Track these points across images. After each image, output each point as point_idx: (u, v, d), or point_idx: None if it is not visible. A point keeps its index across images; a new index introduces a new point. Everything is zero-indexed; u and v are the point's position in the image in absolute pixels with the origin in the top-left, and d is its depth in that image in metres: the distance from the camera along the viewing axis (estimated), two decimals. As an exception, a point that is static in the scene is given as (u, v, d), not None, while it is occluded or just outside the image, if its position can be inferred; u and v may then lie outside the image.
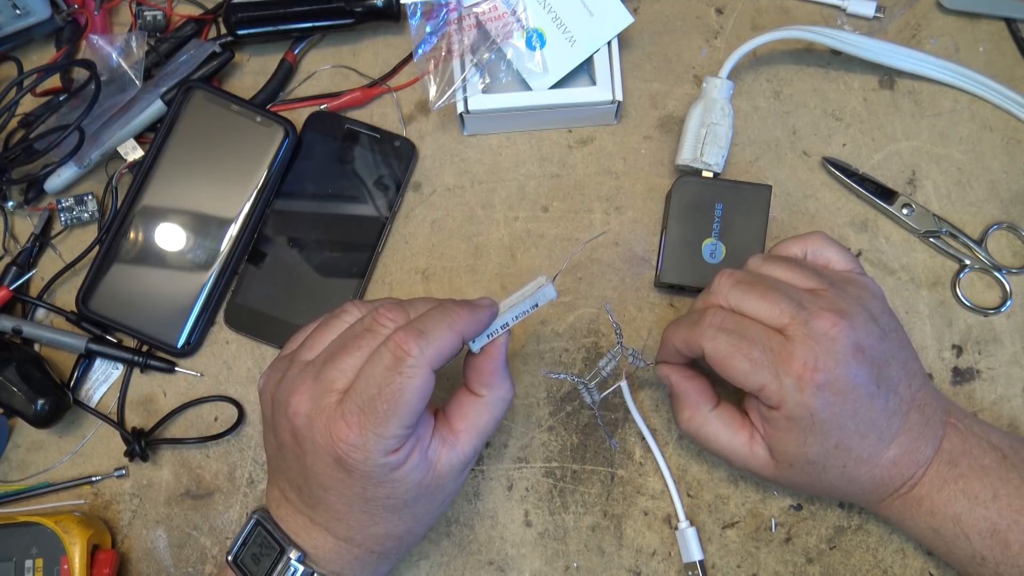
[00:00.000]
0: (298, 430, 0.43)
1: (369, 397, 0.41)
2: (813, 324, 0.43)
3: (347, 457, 0.41)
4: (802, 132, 0.60)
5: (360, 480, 0.42)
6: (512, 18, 0.57)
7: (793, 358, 0.43)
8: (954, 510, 0.46)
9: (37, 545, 0.52)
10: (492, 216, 0.59)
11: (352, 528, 0.44)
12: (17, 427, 0.57)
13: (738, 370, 0.44)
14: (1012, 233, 0.58)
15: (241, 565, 0.46)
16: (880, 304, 0.47)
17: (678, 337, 0.48)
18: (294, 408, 0.42)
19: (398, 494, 0.43)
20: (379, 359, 0.41)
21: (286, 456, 0.45)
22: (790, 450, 0.45)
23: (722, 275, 0.47)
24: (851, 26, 0.61)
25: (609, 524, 0.54)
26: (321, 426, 0.41)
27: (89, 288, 0.57)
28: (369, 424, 0.40)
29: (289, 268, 0.57)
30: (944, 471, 0.46)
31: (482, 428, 0.46)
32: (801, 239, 0.49)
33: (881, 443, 0.45)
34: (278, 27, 0.60)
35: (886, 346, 0.45)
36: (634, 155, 0.60)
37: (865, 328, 0.44)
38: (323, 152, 0.59)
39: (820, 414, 0.43)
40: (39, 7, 0.59)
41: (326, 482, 0.43)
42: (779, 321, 0.44)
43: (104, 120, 0.58)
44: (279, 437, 0.44)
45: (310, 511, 0.45)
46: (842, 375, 0.43)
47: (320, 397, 0.42)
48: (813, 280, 0.46)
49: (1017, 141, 0.59)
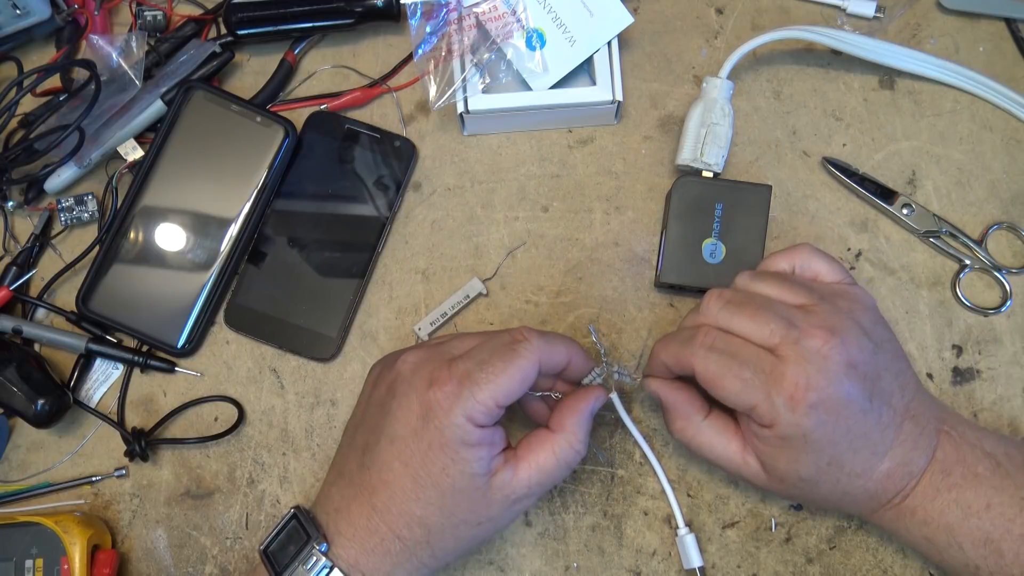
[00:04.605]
0: (400, 375, 0.46)
1: (478, 361, 0.44)
2: (804, 342, 0.43)
3: (435, 405, 0.43)
4: (802, 132, 0.60)
5: (430, 435, 0.43)
6: (512, 18, 0.57)
7: (785, 378, 0.43)
8: (947, 520, 0.45)
9: (37, 545, 0.52)
10: (492, 216, 0.59)
11: (394, 496, 0.44)
12: (17, 427, 0.57)
13: (729, 391, 0.44)
14: (1012, 233, 0.58)
15: (270, 555, 0.46)
16: (872, 315, 0.46)
17: (668, 354, 0.48)
18: (405, 358, 0.46)
19: (451, 474, 0.44)
20: (499, 337, 0.46)
21: (370, 412, 0.47)
22: (781, 467, 0.46)
23: (711, 295, 0.47)
24: (851, 26, 0.61)
25: (609, 524, 0.54)
26: (425, 372, 0.45)
27: (89, 288, 0.57)
28: (468, 383, 0.43)
29: (289, 268, 0.57)
30: (937, 481, 0.46)
31: (542, 464, 0.46)
32: (788, 252, 0.49)
33: (875, 457, 0.45)
34: (278, 27, 0.60)
35: (879, 359, 0.45)
36: (634, 155, 0.60)
37: (857, 343, 0.44)
38: (323, 152, 0.59)
39: (813, 433, 0.43)
40: (39, 7, 0.59)
41: (399, 430, 0.44)
42: (770, 340, 0.44)
43: (104, 120, 0.58)
44: (373, 395, 0.48)
45: (363, 474, 0.46)
46: (835, 393, 0.43)
47: (434, 356, 0.46)
48: (803, 295, 0.46)
49: (1017, 141, 0.59)
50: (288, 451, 0.56)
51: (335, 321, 0.57)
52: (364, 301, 0.58)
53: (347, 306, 0.57)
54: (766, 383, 0.43)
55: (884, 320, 0.47)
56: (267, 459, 0.56)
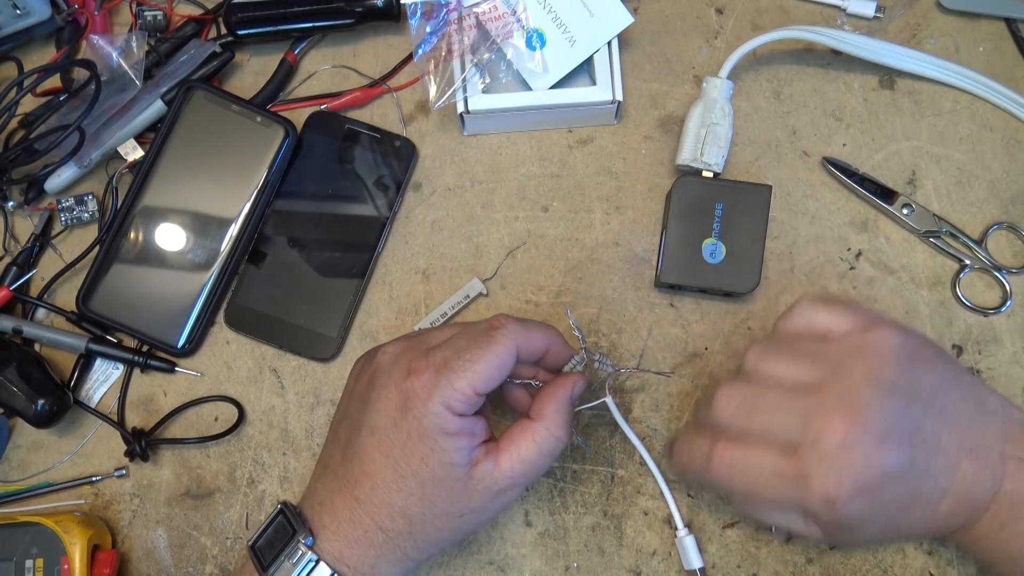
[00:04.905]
0: (379, 367, 0.46)
1: (455, 349, 0.44)
2: (824, 440, 0.41)
3: (413, 394, 0.43)
4: (802, 132, 0.60)
5: (409, 425, 0.43)
6: (512, 18, 0.57)
7: (812, 485, 0.41)
8: (1012, 550, 0.44)
9: (37, 545, 0.52)
10: (492, 216, 0.59)
11: (375, 488, 0.44)
12: (17, 427, 0.57)
13: (763, 518, 0.44)
14: (1012, 233, 0.58)
15: (257, 550, 0.47)
16: (896, 361, 0.43)
17: (689, 471, 0.47)
18: (384, 350, 0.47)
19: (430, 464, 0.44)
20: (476, 325, 0.46)
21: (352, 405, 0.47)
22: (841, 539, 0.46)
23: (721, 393, 0.45)
24: (851, 26, 0.61)
25: (609, 524, 0.54)
26: (403, 362, 0.45)
27: (89, 288, 0.57)
28: (445, 371, 0.43)
29: (289, 268, 0.57)
30: (1004, 514, 0.43)
31: (524, 453, 0.45)
32: (792, 313, 0.47)
33: (931, 506, 0.43)
34: (278, 27, 0.60)
35: (912, 412, 0.42)
36: (634, 155, 0.60)
37: (883, 412, 0.41)
38: (323, 152, 0.59)
39: (860, 517, 0.41)
40: (39, 7, 0.59)
41: (379, 421, 0.44)
42: (788, 441, 0.42)
43: (104, 120, 0.58)
44: (355, 389, 0.48)
45: (346, 467, 0.46)
46: (871, 476, 0.40)
47: (413, 346, 0.46)
48: (813, 370, 0.43)
49: (1017, 141, 0.59)
50: (288, 451, 0.56)
51: (335, 321, 0.57)
52: (364, 301, 0.58)
53: (347, 306, 0.57)
54: (796, 497, 0.41)
55: (914, 349, 0.44)
56: (267, 459, 0.56)
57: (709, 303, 0.57)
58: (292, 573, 0.44)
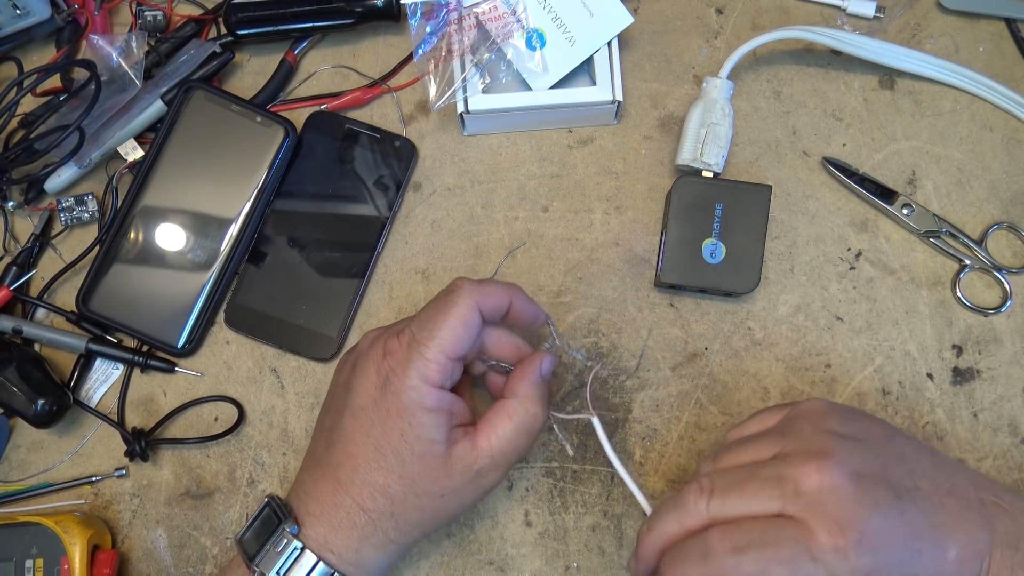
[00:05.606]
0: (360, 352, 0.48)
1: (420, 321, 0.46)
2: (805, 488, 0.40)
3: (390, 372, 0.45)
4: (802, 132, 0.60)
5: (388, 402, 0.45)
6: (512, 18, 0.57)
7: (816, 535, 0.39)
8: None
9: (37, 545, 0.52)
10: (492, 216, 0.59)
11: (357, 468, 0.45)
12: (17, 427, 0.57)
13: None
14: (1012, 233, 0.58)
15: (244, 543, 0.47)
16: (836, 416, 0.44)
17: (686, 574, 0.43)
18: (364, 336, 0.49)
19: (409, 439, 0.44)
20: (437, 296, 0.48)
21: (336, 393, 0.49)
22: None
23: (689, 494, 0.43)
24: (851, 26, 0.61)
25: (609, 524, 0.54)
26: (380, 345, 0.47)
27: (89, 288, 0.57)
28: (415, 344, 0.45)
29: (289, 268, 0.57)
30: (1009, 557, 0.42)
31: (500, 431, 0.46)
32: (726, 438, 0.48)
33: (937, 548, 0.42)
34: (278, 27, 0.60)
35: (872, 452, 0.42)
36: (634, 155, 0.60)
37: (845, 452, 0.41)
38: (323, 152, 0.59)
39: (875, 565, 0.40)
40: (39, 7, 0.59)
41: (360, 402, 0.46)
42: (775, 508, 0.41)
43: (104, 120, 0.58)
44: (339, 378, 0.49)
45: (329, 453, 0.47)
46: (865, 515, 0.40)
47: (389, 330, 0.48)
48: (766, 445, 0.44)
49: (1017, 141, 0.59)
50: (288, 451, 0.56)
51: (335, 321, 0.57)
52: (364, 301, 0.58)
53: (347, 306, 0.57)
54: (807, 552, 0.40)
55: (846, 408, 0.45)
56: (267, 459, 0.56)
57: (709, 303, 0.57)
58: (277, 561, 0.44)
